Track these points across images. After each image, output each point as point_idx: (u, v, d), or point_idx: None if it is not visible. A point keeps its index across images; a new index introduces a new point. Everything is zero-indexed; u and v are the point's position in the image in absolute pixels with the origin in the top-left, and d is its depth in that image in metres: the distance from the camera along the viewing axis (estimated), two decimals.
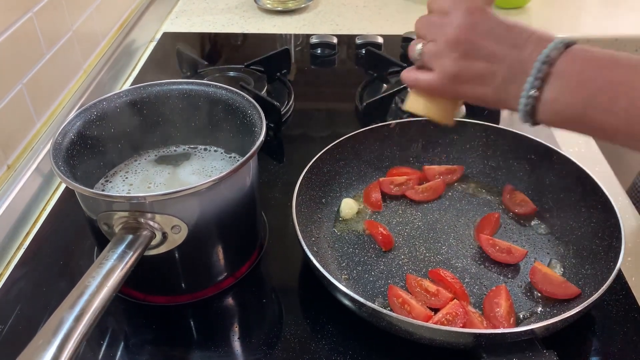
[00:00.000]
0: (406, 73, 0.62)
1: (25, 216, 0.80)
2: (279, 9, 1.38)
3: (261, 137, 0.63)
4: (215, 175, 0.58)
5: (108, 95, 0.70)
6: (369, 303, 0.57)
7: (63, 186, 0.86)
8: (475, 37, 0.54)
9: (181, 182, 0.70)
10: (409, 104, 0.64)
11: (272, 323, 0.66)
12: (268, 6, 1.38)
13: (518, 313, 0.64)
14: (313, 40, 1.19)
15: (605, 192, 0.68)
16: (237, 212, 0.65)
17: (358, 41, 1.18)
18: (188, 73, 1.09)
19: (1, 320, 0.65)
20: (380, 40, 1.17)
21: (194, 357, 0.62)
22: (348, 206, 0.77)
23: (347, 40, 1.23)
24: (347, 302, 0.60)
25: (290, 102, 1.02)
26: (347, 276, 0.69)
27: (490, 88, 0.54)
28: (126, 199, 0.57)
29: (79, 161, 0.65)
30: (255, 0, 1.41)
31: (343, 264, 0.71)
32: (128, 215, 0.57)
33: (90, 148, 0.68)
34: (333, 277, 0.60)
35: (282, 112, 0.97)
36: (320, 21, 1.34)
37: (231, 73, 1.07)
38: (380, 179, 0.81)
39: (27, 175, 0.81)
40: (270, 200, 0.81)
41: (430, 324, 0.58)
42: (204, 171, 0.72)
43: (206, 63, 1.09)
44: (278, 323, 0.65)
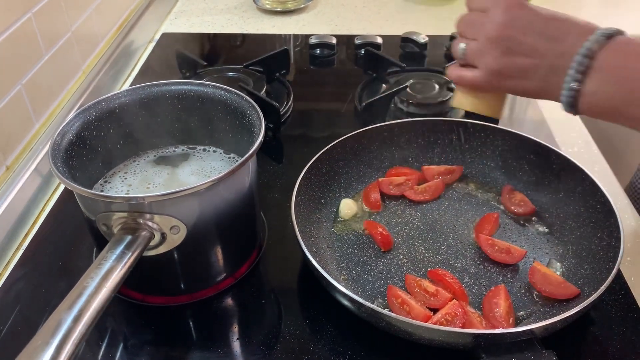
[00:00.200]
0: (451, 70, 0.64)
1: (24, 217, 0.80)
2: (278, 10, 1.38)
3: (260, 138, 0.63)
4: (214, 175, 0.58)
5: (107, 95, 0.70)
6: (368, 303, 0.57)
7: (62, 187, 0.86)
8: (515, 33, 0.55)
9: (180, 183, 0.70)
10: (456, 101, 0.67)
11: (272, 323, 0.65)
12: (267, 6, 1.38)
13: (517, 313, 0.64)
14: (312, 40, 1.19)
15: (604, 192, 0.68)
16: (236, 213, 0.65)
17: (357, 41, 1.18)
18: (187, 73, 1.09)
19: (0, 320, 0.65)
20: (379, 40, 1.17)
21: (193, 358, 0.62)
22: (347, 206, 0.77)
23: (346, 40, 1.23)
24: (346, 303, 0.60)
25: (289, 103, 1.02)
26: (346, 276, 0.69)
27: (533, 81, 0.56)
28: (125, 200, 0.57)
29: (78, 162, 0.65)
30: (254, 0, 1.41)
31: (342, 265, 0.71)
32: (127, 215, 0.57)
33: (89, 149, 0.68)
34: (332, 278, 0.60)
35: (281, 113, 0.97)
36: (319, 21, 1.34)
37: (230, 73, 1.07)
38: (379, 179, 0.81)
39: (26, 176, 0.81)
40: (269, 200, 0.81)
41: (429, 324, 0.58)
42: (203, 172, 0.72)
43: (205, 63, 1.09)
44: (277, 323, 0.65)
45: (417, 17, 1.32)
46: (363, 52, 1.14)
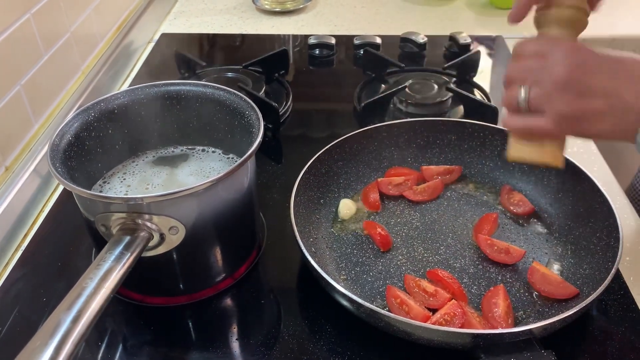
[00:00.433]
0: (511, 120, 0.59)
1: (23, 217, 0.80)
2: (277, 10, 1.38)
3: (259, 138, 0.63)
4: (213, 176, 0.58)
5: (106, 96, 0.70)
6: (367, 304, 0.57)
7: (61, 188, 0.86)
8: (586, 75, 0.53)
9: (179, 183, 0.70)
10: (514, 153, 0.61)
11: (271, 324, 0.65)
12: (266, 7, 1.38)
13: (516, 313, 0.64)
14: (311, 41, 1.19)
15: (603, 192, 0.68)
16: (235, 213, 0.65)
17: (356, 42, 1.19)
18: (186, 74, 1.09)
19: None
20: (378, 40, 1.17)
21: (193, 358, 0.62)
22: (346, 207, 0.77)
23: (345, 40, 1.22)
24: (346, 303, 0.60)
25: (288, 103, 1.02)
26: (346, 277, 0.69)
27: (606, 123, 0.54)
28: (124, 200, 0.57)
29: (77, 162, 0.65)
30: (253, 1, 1.41)
31: (341, 265, 0.71)
32: (126, 216, 0.57)
33: (88, 149, 0.68)
34: (331, 278, 0.60)
35: (280, 113, 0.97)
36: (318, 22, 1.34)
37: (229, 74, 1.07)
38: (378, 180, 0.81)
39: (25, 176, 0.81)
40: (268, 201, 0.81)
41: (428, 325, 0.58)
42: (202, 172, 0.72)
43: (204, 64, 1.09)
44: (276, 324, 0.65)
45: (416, 17, 1.33)
46: (362, 53, 1.14)
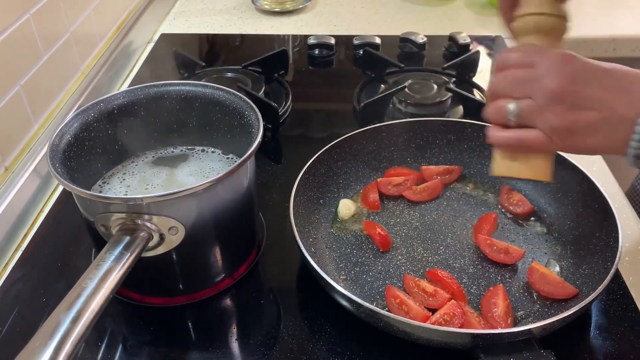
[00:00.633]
0: (497, 133, 0.56)
1: (23, 218, 0.80)
2: (277, 10, 1.38)
3: (258, 138, 0.63)
4: (212, 176, 0.58)
5: (106, 96, 0.70)
6: (367, 304, 0.57)
7: (60, 188, 0.86)
8: (579, 87, 0.51)
9: (179, 184, 0.70)
10: (498, 168, 0.59)
11: (270, 324, 0.66)
12: (266, 7, 1.38)
13: (515, 313, 0.64)
14: (311, 41, 1.19)
15: (602, 192, 0.68)
16: (235, 214, 0.65)
17: (356, 42, 1.19)
18: (186, 74, 1.09)
19: None
20: (377, 40, 1.17)
21: (192, 358, 0.62)
22: (346, 207, 0.78)
23: (345, 41, 1.22)
24: (345, 303, 0.60)
25: (287, 103, 1.02)
26: (345, 277, 0.69)
27: (600, 136, 0.51)
28: (123, 201, 0.57)
29: (77, 163, 0.65)
30: (252, 1, 1.41)
31: (341, 265, 0.71)
32: (125, 216, 0.57)
33: (87, 150, 0.68)
34: (331, 278, 0.60)
35: (280, 113, 0.97)
36: (317, 22, 1.34)
37: (229, 74, 1.07)
38: (377, 180, 0.81)
39: (25, 177, 0.81)
40: (267, 201, 0.81)
41: (427, 325, 0.58)
42: (202, 172, 0.72)
43: (204, 64, 1.09)
44: (276, 324, 0.65)
45: (416, 18, 1.33)
46: (361, 53, 1.14)
